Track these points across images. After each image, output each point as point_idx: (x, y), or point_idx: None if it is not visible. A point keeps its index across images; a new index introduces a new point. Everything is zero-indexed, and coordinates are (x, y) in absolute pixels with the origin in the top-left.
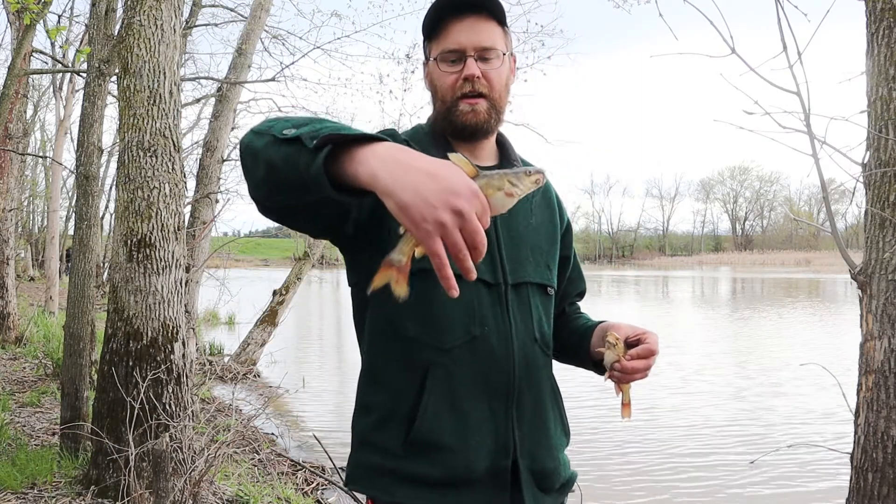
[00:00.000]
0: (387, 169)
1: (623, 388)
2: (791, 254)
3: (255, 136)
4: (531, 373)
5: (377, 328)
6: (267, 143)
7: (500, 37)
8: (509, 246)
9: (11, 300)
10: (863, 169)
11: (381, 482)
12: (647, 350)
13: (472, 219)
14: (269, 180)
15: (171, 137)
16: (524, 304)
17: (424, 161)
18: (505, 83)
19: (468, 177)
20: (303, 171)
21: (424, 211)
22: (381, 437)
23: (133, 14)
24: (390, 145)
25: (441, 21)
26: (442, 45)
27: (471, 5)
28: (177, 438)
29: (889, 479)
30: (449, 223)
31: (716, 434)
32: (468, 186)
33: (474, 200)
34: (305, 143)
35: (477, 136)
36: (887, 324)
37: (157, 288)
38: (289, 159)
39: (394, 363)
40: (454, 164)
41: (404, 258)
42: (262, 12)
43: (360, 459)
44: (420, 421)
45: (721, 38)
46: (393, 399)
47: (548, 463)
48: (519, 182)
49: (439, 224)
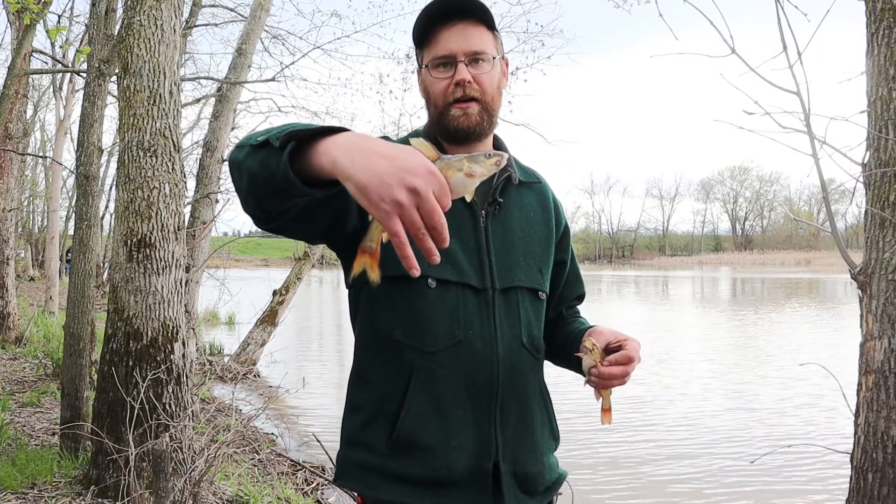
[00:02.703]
0: (346, 154)
1: (603, 394)
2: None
3: (237, 150)
4: (516, 376)
5: (366, 330)
6: (246, 154)
7: (490, 41)
8: (500, 251)
9: (11, 300)
10: (863, 169)
11: (367, 479)
12: (625, 357)
13: (428, 197)
14: (252, 189)
15: (171, 137)
16: (512, 309)
17: (384, 146)
18: (497, 86)
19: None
20: (274, 171)
21: (381, 190)
22: (367, 436)
23: (133, 14)
24: (352, 134)
25: (430, 28)
26: (433, 52)
27: (459, 11)
28: (177, 438)
29: (889, 479)
30: (406, 202)
31: (715, 434)
32: (424, 165)
33: (430, 178)
34: (273, 144)
35: (470, 139)
36: (887, 324)
37: (157, 288)
38: (263, 163)
39: (381, 365)
40: (415, 148)
41: (373, 244)
42: (262, 12)
43: (348, 456)
44: (403, 421)
45: (721, 38)
46: (379, 399)
47: (531, 466)
48: (478, 164)
49: (396, 203)
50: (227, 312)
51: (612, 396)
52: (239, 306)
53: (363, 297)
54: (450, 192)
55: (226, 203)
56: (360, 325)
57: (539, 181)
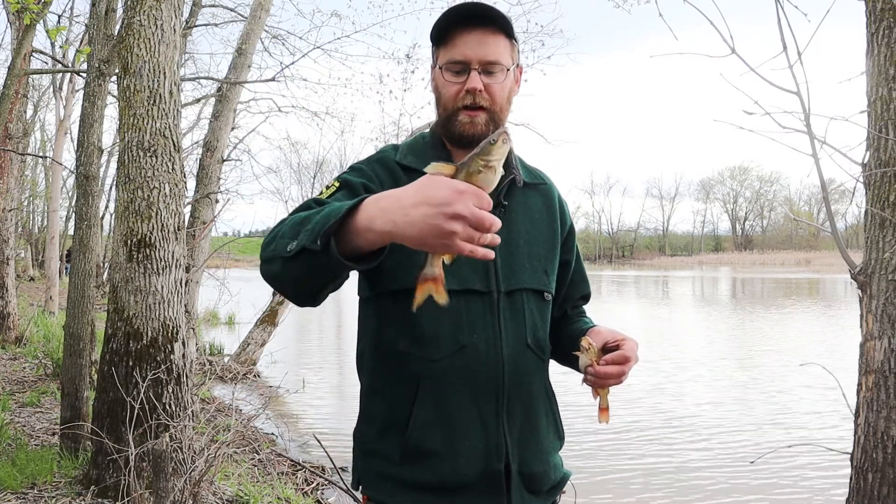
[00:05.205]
0: (387, 221)
1: (600, 393)
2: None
3: (266, 264)
4: (522, 378)
5: (374, 343)
6: (282, 266)
7: (507, 50)
8: (505, 254)
9: (11, 300)
10: (863, 169)
11: (384, 486)
12: (621, 356)
13: (473, 213)
14: (303, 289)
15: (171, 137)
16: (517, 311)
17: (409, 193)
18: (507, 96)
19: (449, 179)
20: (325, 268)
21: (434, 233)
22: (381, 446)
23: (133, 14)
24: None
25: (449, 30)
26: (448, 55)
27: (480, 17)
28: (177, 438)
29: (889, 479)
30: (459, 229)
31: (715, 434)
32: (451, 189)
33: (464, 197)
34: (313, 249)
35: (472, 145)
36: (887, 324)
37: (157, 288)
38: (310, 266)
39: (390, 376)
40: (432, 174)
41: (437, 269)
42: (262, 12)
43: (366, 466)
44: (411, 430)
45: (721, 38)
46: (390, 409)
47: (537, 466)
48: (490, 155)
49: (452, 234)
50: (227, 312)
51: (609, 396)
52: (239, 306)
53: (371, 310)
54: (485, 193)
55: (226, 203)
56: (369, 337)
57: (544, 182)
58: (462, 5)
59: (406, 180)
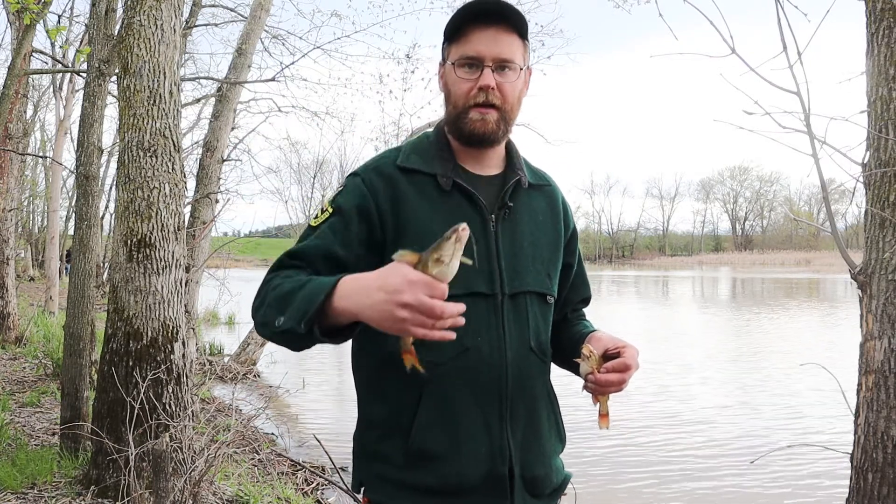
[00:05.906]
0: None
1: (600, 399)
2: (791, 254)
3: (261, 328)
4: (525, 381)
5: (376, 348)
6: (272, 334)
7: (520, 50)
8: (509, 256)
9: (11, 300)
10: (863, 169)
11: (386, 489)
12: (622, 364)
13: (420, 303)
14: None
15: (171, 137)
16: (521, 314)
17: (372, 279)
18: (518, 96)
19: (409, 268)
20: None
21: (385, 317)
22: (384, 448)
23: (133, 14)
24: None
25: (464, 26)
26: (461, 51)
27: (495, 15)
28: (177, 438)
29: (889, 479)
30: (406, 316)
31: (715, 434)
32: (404, 279)
33: (414, 288)
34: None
35: (482, 144)
36: (887, 324)
37: (157, 288)
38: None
39: (393, 381)
40: (397, 263)
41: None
42: (262, 12)
43: (368, 468)
44: (414, 433)
45: (721, 38)
46: (393, 413)
47: (539, 469)
48: (441, 250)
49: (400, 320)
50: (227, 312)
51: (609, 401)
52: (239, 306)
53: None
54: (439, 284)
55: (226, 203)
56: (371, 342)
57: (549, 184)
58: (479, 2)
59: (406, 184)
